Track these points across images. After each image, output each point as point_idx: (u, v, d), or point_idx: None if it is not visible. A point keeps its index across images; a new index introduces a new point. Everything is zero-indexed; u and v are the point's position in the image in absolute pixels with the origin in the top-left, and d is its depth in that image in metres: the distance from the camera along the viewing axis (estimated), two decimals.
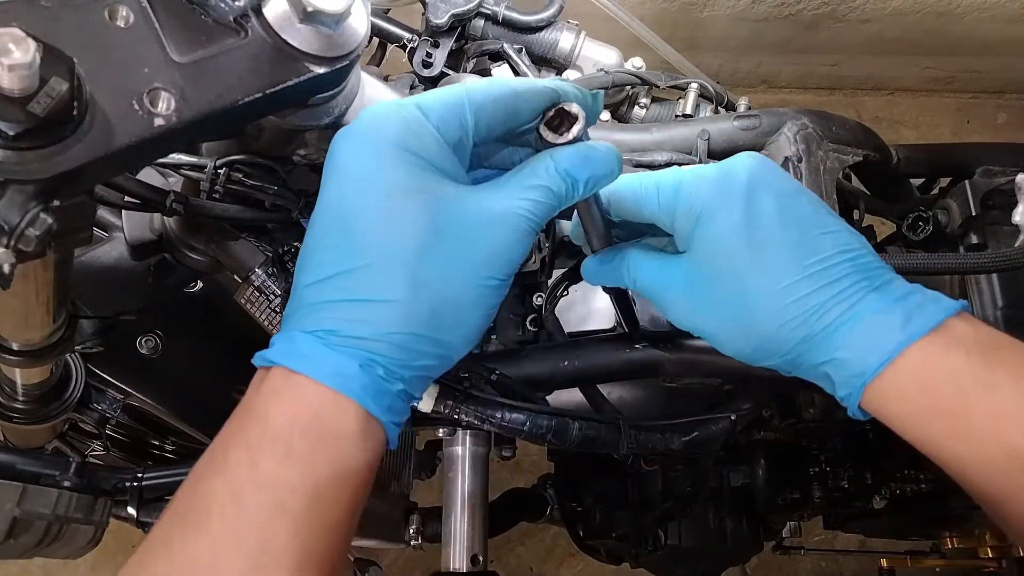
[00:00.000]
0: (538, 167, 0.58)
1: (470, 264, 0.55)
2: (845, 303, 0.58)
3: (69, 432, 1.18)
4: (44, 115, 0.45)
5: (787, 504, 1.31)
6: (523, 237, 0.57)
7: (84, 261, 0.90)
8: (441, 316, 0.54)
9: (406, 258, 0.53)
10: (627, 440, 0.85)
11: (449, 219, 0.54)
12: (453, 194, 0.55)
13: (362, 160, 0.54)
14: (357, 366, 0.52)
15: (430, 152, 0.54)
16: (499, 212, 0.55)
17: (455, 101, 0.56)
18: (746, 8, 2.05)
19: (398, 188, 0.53)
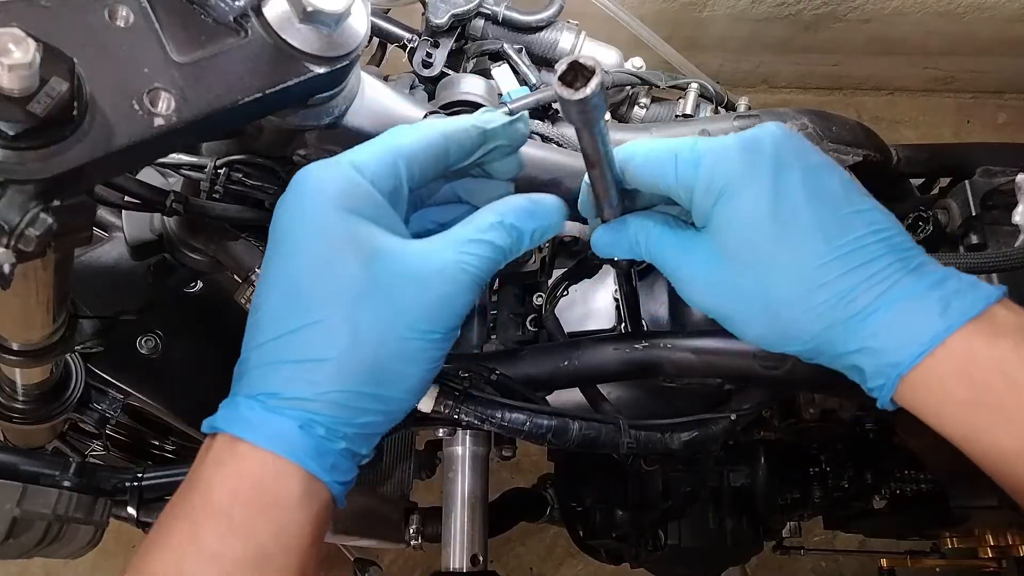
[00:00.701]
0: (483, 221, 0.57)
1: (408, 318, 0.54)
2: (879, 287, 0.55)
3: (69, 432, 1.18)
4: (44, 115, 0.45)
5: (787, 504, 1.31)
6: (465, 290, 0.56)
7: (84, 261, 0.90)
8: (380, 371, 0.53)
9: (343, 314, 0.52)
10: (627, 440, 0.85)
11: (386, 273, 0.53)
12: (390, 248, 0.54)
13: (300, 222, 0.54)
14: (297, 427, 0.51)
15: (366, 208, 0.54)
16: (439, 265, 0.55)
17: (387, 154, 0.56)
18: (746, 8, 2.05)
19: (334, 246, 0.53)
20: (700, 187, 0.58)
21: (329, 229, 0.53)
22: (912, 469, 1.26)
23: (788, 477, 1.30)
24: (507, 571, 2.22)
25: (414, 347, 0.54)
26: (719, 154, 0.58)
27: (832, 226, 0.56)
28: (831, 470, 1.29)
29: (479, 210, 0.59)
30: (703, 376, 0.86)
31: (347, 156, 0.55)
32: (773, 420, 1.06)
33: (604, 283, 1.02)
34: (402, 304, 0.54)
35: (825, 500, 1.30)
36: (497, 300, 1.04)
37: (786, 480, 1.30)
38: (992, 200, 1.12)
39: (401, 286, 0.54)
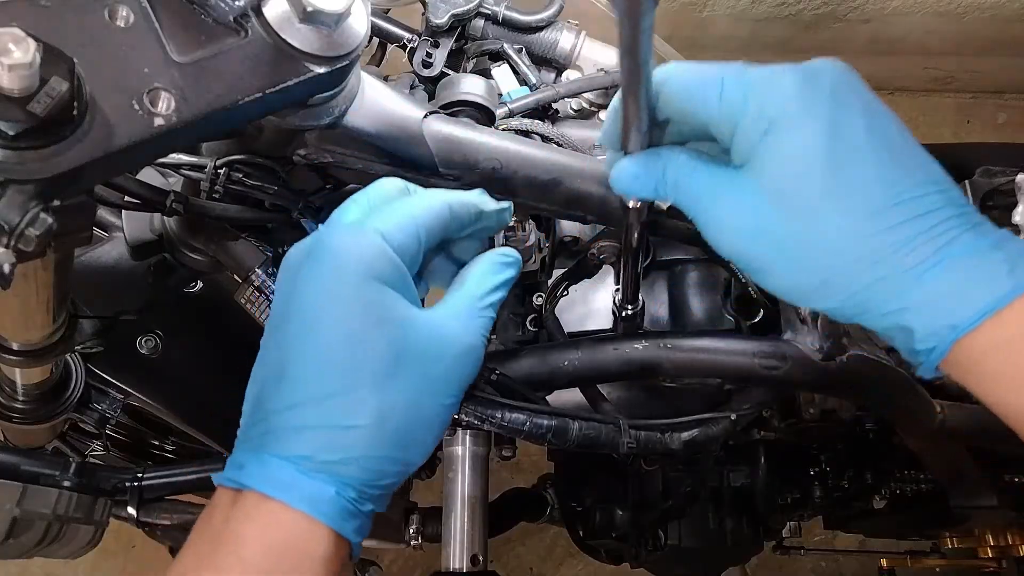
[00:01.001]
0: (484, 285, 0.62)
1: (435, 387, 0.57)
2: (938, 240, 0.50)
3: (69, 432, 1.18)
4: (44, 115, 0.45)
5: (787, 504, 1.31)
6: (480, 355, 0.61)
7: (84, 261, 0.90)
8: (405, 437, 0.56)
9: (374, 384, 0.54)
10: (627, 440, 0.85)
11: (415, 345, 0.56)
12: (418, 319, 0.57)
13: (330, 290, 0.55)
14: (333, 492, 0.53)
15: (393, 278, 0.56)
16: (462, 335, 0.59)
17: (410, 224, 0.58)
18: (746, 8, 2.05)
19: (367, 316, 0.55)
20: (747, 118, 0.53)
21: (362, 299, 0.55)
22: (912, 469, 1.26)
23: (788, 477, 1.30)
24: (507, 571, 2.22)
25: (434, 413, 0.58)
26: (772, 83, 0.53)
27: (892, 171, 0.52)
28: (831, 470, 1.29)
29: (471, 272, 0.63)
30: (703, 376, 0.86)
31: (373, 224, 0.57)
32: (773, 420, 1.06)
33: (604, 283, 1.02)
34: (430, 374, 0.57)
35: (825, 500, 1.30)
36: None
37: (786, 480, 1.30)
38: (992, 200, 1.12)
39: (429, 357, 0.57)
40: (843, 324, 0.86)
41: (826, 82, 0.53)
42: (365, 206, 0.60)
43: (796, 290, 0.55)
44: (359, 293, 0.55)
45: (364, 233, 0.56)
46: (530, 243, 0.96)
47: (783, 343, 0.85)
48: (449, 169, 0.73)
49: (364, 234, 0.56)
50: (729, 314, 0.99)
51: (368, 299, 0.55)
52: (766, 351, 0.84)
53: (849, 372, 0.85)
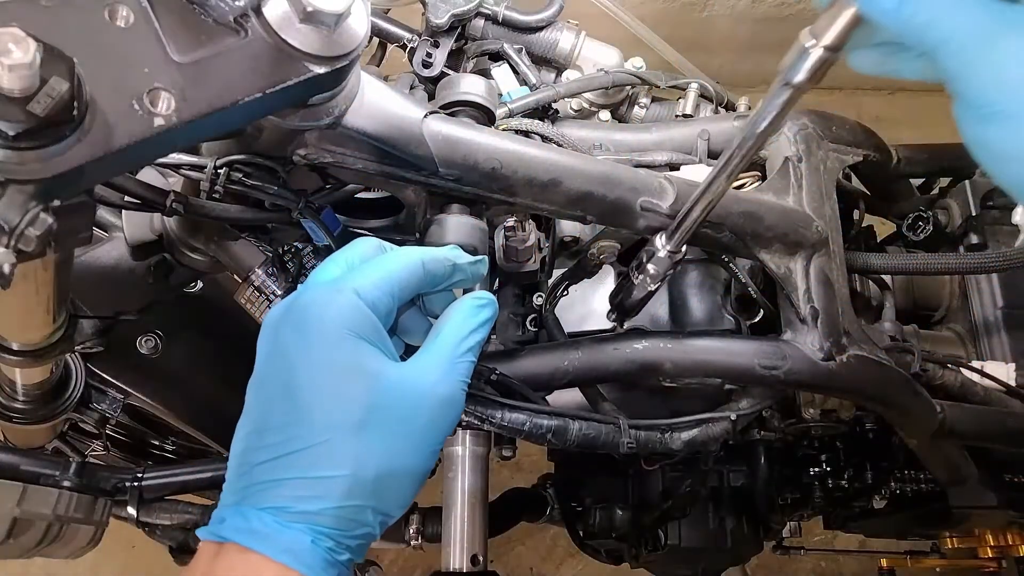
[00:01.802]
0: (460, 333, 0.63)
1: (409, 438, 0.58)
2: None
3: (69, 432, 1.18)
4: (44, 115, 0.45)
5: (787, 504, 1.31)
6: (460, 405, 0.61)
7: (84, 261, 0.90)
8: (383, 488, 0.57)
9: (350, 435, 0.55)
10: (627, 440, 0.85)
11: (388, 398, 0.57)
12: (393, 373, 0.58)
13: (306, 344, 0.57)
14: (309, 542, 0.54)
15: (369, 333, 0.58)
16: (439, 385, 0.60)
17: (385, 282, 0.60)
18: (746, 8, 2.05)
19: (343, 371, 0.56)
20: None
21: (337, 354, 0.56)
22: (912, 469, 1.26)
23: (788, 477, 1.30)
24: (507, 571, 2.22)
25: (414, 464, 0.59)
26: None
27: None
28: (831, 470, 1.29)
29: (447, 321, 0.64)
30: (703, 376, 0.85)
31: (349, 282, 0.59)
32: (773, 420, 1.06)
33: (604, 283, 1.02)
34: (406, 425, 0.58)
35: (825, 500, 1.30)
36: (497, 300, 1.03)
37: (786, 480, 1.30)
38: (992, 200, 1.12)
39: (406, 408, 0.58)
40: (843, 324, 0.86)
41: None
42: (343, 265, 0.63)
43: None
44: (335, 348, 0.56)
45: (340, 291, 0.58)
46: (530, 243, 0.96)
47: (783, 343, 0.85)
48: (449, 169, 0.73)
49: (340, 292, 0.58)
50: (729, 314, 0.99)
51: (343, 353, 0.56)
52: (766, 351, 0.84)
53: (849, 372, 0.85)
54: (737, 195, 0.85)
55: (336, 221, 0.85)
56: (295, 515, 0.54)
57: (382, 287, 0.60)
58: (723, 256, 0.93)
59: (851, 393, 0.92)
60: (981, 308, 1.13)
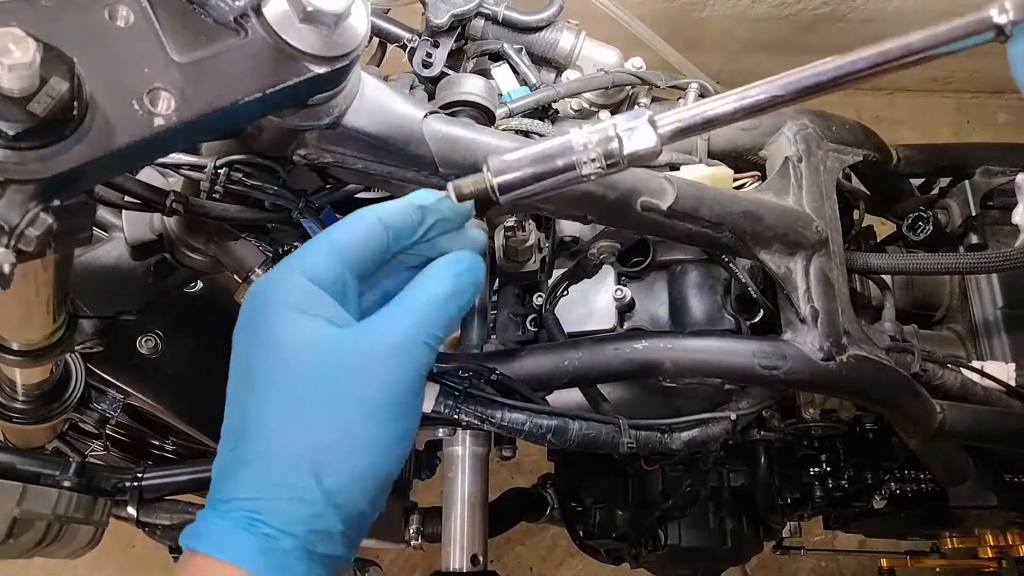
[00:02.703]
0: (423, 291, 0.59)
1: (360, 407, 0.53)
2: None
3: (69, 432, 1.18)
4: (44, 115, 0.45)
5: (787, 504, 1.31)
6: (420, 372, 0.56)
7: (84, 261, 0.90)
8: (319, 462, 0.52)
9: (282, 408, 0.53)
10: (627, 440, 0.85)
11: (328, 364, 0.53)
12: (330, 338, 0.54)
13: (252, 330, 0.56)
14: (240, 528, 0.50)
15: (308, 304, 0.55)
16: (394, 352, 0.55)
17: (325, 252, 0.57)
18: (746, 8, 2.05)
19: (274, 346, 0.54)
20: None
21: (272, 333, 0.54)
22: (912, 469, 1.26)
23: (788, 477, 1.30)
24: (507, 571, 2.22)
25: (366, 435, 0.53)
26: None
27: None
28: (831, 470, 1.29)
29: (420, 278, 0.60)
30: (703, 376, 0.85)
31: (293, 261, 0.57)
32: (773, 420, 1.06)
33: (603, 284, 1.02)
34: (352, 392, 0.53)
35: (825, 500, 1.30)
36: (497, 300, 1.04)
37: (786, 480, 1.30)
38: (992, 200, 1.12)
39: (351, 374, 0.53)
40: (843, 324, 0.86)
41: None
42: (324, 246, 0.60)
43: None
44: (271, 327, 0.54)
45: (281, 270, 0.57)
46: (530, 243, 0.96)
47: (783, 343, 0.85)
48: (449, 169, 0.73)
49: (280, 270, 0.57)
50: (729, 314, 0.99)
51: (278, 330, 0.54)
52: (766, 351, 0.84)
53: (849, 372, 0.85)
54: (737, 195, 0.85)
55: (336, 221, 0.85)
56: (228, 503, 0.51)
57: (326, 255, 0.57)
58: (723, 256, 0.93)
59: (851, 393, 0.92)
60: (981, 308, 1.13)
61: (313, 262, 0.56)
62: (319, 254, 0.57)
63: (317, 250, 0.57)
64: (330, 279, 0.56)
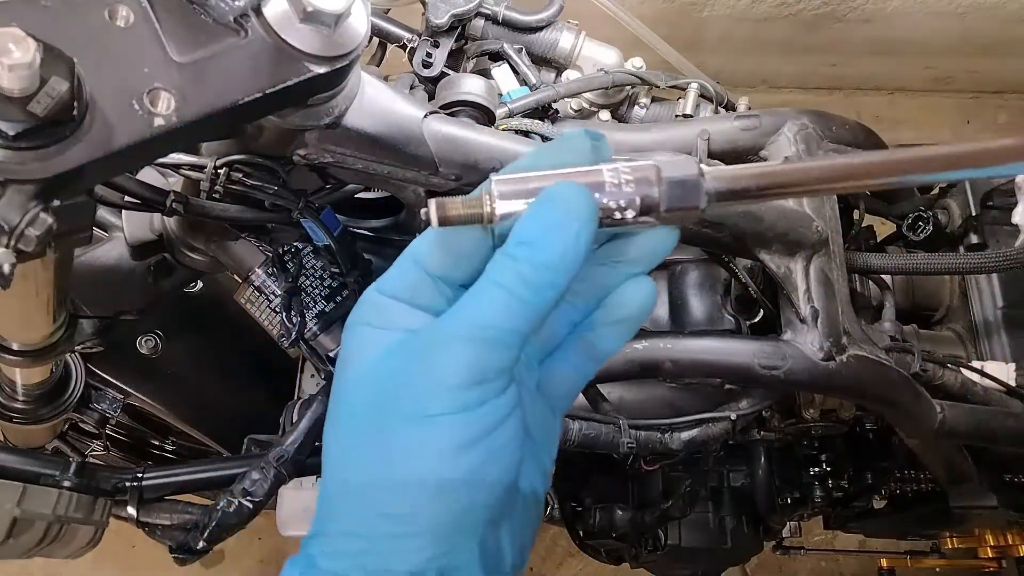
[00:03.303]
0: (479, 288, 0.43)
1: (420, 428, 0.42)
2: None
3: (69, 432, 1.19)
4: (44, 115, 0.45)
5: (787, 504, 1.31)
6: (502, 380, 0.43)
7: (84, 261, 0.90)
8: (374, 499, 0.43)
9: (344, 438, 0.45)
10: (627, 440, 0.85)
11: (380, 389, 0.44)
12: (403, 340, 0.45)
13: (343, 351, 0.48)
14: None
15: (382, 317, 0.47)
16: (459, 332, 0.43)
17: (400, 260, 0.48)
18: (746, 8, 2.05)
19: (346, 360, 0.47)
20: None
21: (344, 348, 0.48)
22: (912, 469, 1.26)
23: (788, 477, 1.30)
24: None
25: (425, 469, 0.42)
26: None
27: None
28: (831, 470, 1.29)
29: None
30: (703, 376, 0.85)
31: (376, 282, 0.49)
32: (773, 420, 1.06)
33: None
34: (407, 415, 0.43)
35: (825, 500, 1.30)
36: None
37: (786, 480, 1.30)
38: (992, 200, 1.12)
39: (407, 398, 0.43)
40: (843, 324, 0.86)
41: None
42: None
43: None
44: (344, 345, 0.47)
45: (363, 294, 0.49)
46: None
47: (783, 343, 0.85)
48: (449, 169, 0.73)
49: (363, 295, 0.49)
50: (729, 314, 0.99)
51: (347, 346, 0.47)
52: (766, 351, 0.84)
53: (849, 372, 0.85)
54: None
55: (336, 221, 0.85)
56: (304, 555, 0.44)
57: (399, 263, 0.48)
58: (723, 256, 0.93)
59: (851, 393, 0.92)
60: (981, 308, 1.13)
61: (387, 275, 0.48)
62: (394, 266, 0.48)
63: (395, 264, 0.48)
64: (406, 286, 0.47)
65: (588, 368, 0.52)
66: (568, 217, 0.41)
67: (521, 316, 0.42)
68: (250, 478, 0.86)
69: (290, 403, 0.94)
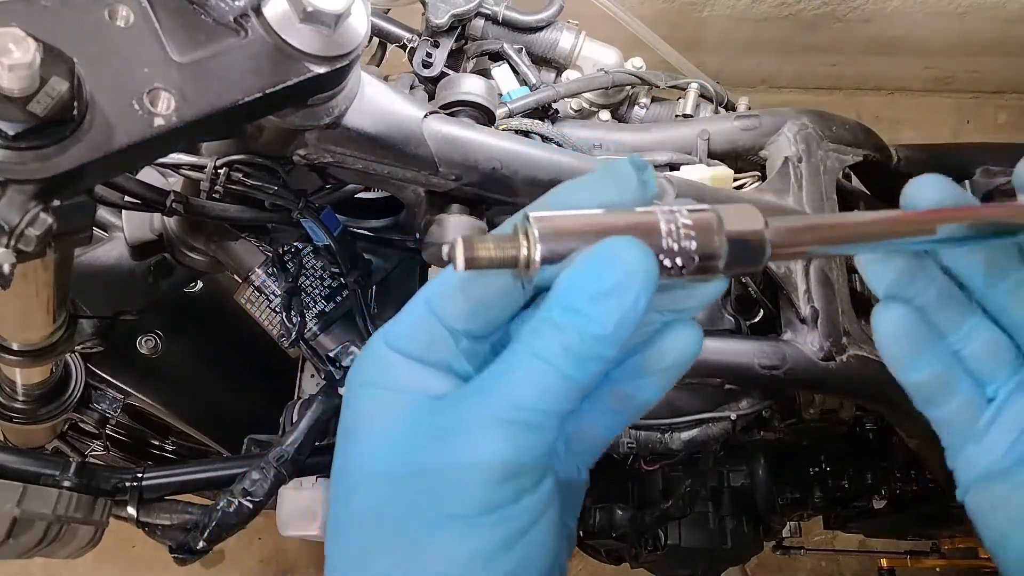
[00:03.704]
0: (515, 356, 0.37)
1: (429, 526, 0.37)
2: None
3: (69, 432, 1.18)
4: (44, 115, 0.45)
5: (787, 504, 1.31)
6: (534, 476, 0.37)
7: (84, 261, 0.90)
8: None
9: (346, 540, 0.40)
10: (627, 440, 0.85)
11: (401, 448, 0.38)
12: (416, 411, 0.39)
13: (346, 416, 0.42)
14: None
15: (381, 377, 0.41)
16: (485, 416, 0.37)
17: (412, 306, 0.41)
18: (746, 8, 2.05)
19: (348, 433, 0.41)
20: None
21: (344, 412, 0.42)
22: (912, 469, 1.26)
23: (788, 477, 1.30)
24: None
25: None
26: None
27: None
28: (831, 470, 1.29)
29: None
30: (703, 376, 0.85)
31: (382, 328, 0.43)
32: (773, 420, 1.06)
33: None
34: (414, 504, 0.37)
35: (825, 500, 1.30)
36: None
37: (786, 480, 1.30)
38: (992, 200, 1.12)
39: (416, 472, 0.38)
40: (843, 324, 0.86)
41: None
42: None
43: None
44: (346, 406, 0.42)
45: (367, 344, 0.43)
46: None
47: (783, 343, 0.85)
48: (449, 169, 0.73)
49: (367, 345, 0.43)
50: (729, 314, 0.99)
51: (348, 410, 0.41)
52: (766, 351, 0.84)
53: (849, 372, 0.85)
54: (737, 195, 0.85)
55: (336, 221, 0.85)
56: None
57: (410, 310, 0.41)
58: None
59: (851, 393, 0.92)
60: None
61: (396, 323, 0.41)
62: (405, 312, 0.42)
63: (406, 310, 0.42)
64: (420, 339, 0.40)
65: (619, 423, 0.44)
66: (628, 281, 0.34)
67: (564, 395, 0.36)
68: (250, 478, 0.86)
69: (290, 403, 0.94)
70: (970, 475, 0.46)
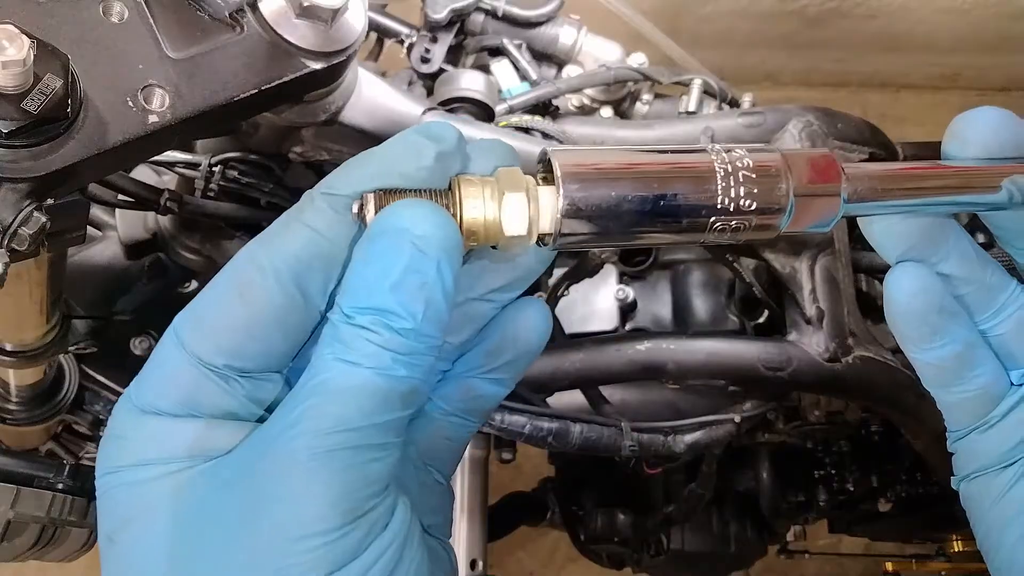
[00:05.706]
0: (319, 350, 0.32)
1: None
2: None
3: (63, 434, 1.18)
4: (38, 112, 0.45)
5: (792, 507, 1.31)
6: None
7: (78, 260, 0.89)
8: None
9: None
10: (629, 443, 0.84)
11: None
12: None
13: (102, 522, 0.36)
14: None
15: (160, 450, 0.34)
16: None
17: (169, 354, 0.37)
18: (750, 3, 2.05)
19: (132, 551, 0.34)
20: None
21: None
22: (918, 472, 1.25)
23: (793, 480, 1.29)
24: None
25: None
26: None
27: None
28: (836, 473, 1.28)
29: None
30: (707, 378, 0.85)
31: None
32: (777, 422, 1.05)
33: (605, 283, 1.02)
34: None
35: (830, 503, 1.29)
36: None
37: (791, 483, 1.29)
38: None
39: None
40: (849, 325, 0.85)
41: None
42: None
43: None
44: (106, 524, 0.35)
45: (112, 413, 0.38)
46: None
47: (788, 344, 0.84)
48: None
49: (112, 414, 0.38)
50: (733, 315, 0.98)
51: (108, 523, 0.34)
52: (771, 352, 0.83)
53: (855, 374, 0.84)
54: None
55: None
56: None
57: (158, 363, 0.36)
58: (727, 256, 0.92)
59: (856, 395, 0.91)
60: None
61: (145, 377, 0.36)
62: (153, 359, 0.37)
63: (152, 359, 0.37)
64: (179, 391, 0.35)
65: (474, 419, 0.39)
66: (421, 256, 0.29)
67: (397, 400, 0.30)
68: None
69: None
70: (972, 464, 0.43)
